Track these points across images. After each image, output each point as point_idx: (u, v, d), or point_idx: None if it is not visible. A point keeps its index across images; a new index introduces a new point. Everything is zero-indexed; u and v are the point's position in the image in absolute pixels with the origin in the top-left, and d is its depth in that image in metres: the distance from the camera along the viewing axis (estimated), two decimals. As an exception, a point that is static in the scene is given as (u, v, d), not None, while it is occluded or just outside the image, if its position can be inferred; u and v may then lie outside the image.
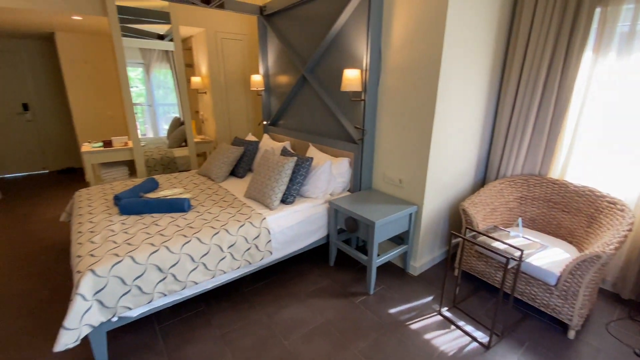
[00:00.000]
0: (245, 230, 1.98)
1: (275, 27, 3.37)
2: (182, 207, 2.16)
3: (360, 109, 2.43)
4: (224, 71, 4.15)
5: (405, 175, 2.32)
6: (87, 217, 2.06)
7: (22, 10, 2.94)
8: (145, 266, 1.61)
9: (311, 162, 2.40)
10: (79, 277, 1.46)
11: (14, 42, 4.64)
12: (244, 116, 4.48)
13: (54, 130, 5.14)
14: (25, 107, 4.88)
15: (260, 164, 2.49)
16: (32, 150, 5.06)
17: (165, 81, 4.06)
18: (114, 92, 4.75)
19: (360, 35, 2.37)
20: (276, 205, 2.26)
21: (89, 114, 4.58)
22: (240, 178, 3.07)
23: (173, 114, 4.36)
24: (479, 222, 2.23)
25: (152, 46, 3.72)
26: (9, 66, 4.66)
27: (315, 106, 3.02)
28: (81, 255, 1.61)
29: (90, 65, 4.48)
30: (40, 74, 4.87)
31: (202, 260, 1.79)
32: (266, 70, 3.69)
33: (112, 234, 1.82)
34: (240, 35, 4.19)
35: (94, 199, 2.40)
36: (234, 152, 3.04)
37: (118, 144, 3.59)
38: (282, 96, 3.52)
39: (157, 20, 3.52)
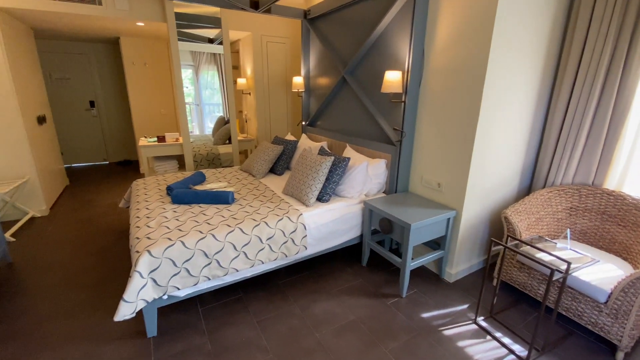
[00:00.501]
0: (283, 224, 2.08)
1: (318, 30, 3.47)
2: (226, 199, 2.31)
3: (400, 111, 2.43)
4: (267, 73, 4.33)
5: (444, 179, 2.28)
6: (143, 204, 2.29)
7: (95, 17, 3.31)
8: (194, 251, 1.76)
9: (348, 162, 2.45)
10: (138, 256, 1.64)
11: (85, 46, 5.21)
12: (283, 116, 4.64)
13: (115, 126, 5.69)
14: (92, 104, 5.45)
15: (299, 162, 2.58)
16: (96, 143, 5.63)
17: (212, 82, 4.33)
18: (167, 92, 5.15)
19: (403, 37, 2.38)
20: (312, 203, 2.34)
21: (145, 112, 5.01)
22: (278, 175, 3.20)
23: (218, 113, 4.64)
24: (522, 231, 2.14)
25: (203, 49, 3.99)
26: (79, 67, 5.24)
27: (354, 107, 3.06)
28: (139, 238, 1.80)
29: (148, 66, 4.90)
30: (105, 74, 5.42)
31: (243, 249, 1.91)
32: (307, 72, 3.81)
33: (166, 220, 2.01)
34: (284, 39, 4.35)
35: (149, 188, 2.65)
36: (274, 150, 3.17)
37: (170, 139, 3.90)
38: (321, 97, 3.61)
39: (209, 25, 3.77)
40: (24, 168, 3.20)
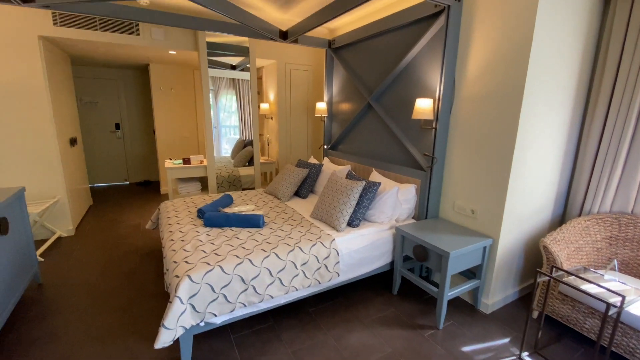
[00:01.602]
0: (316, 250, 2.05)
1: (342, 58, 3.59)
2: (257, 223, 2.31)
3: (431, 137, 2.44)
4: (290, 98, 4.45)
5: (478, 206, 2.25)
6: (176, 227, 2.30)
7: (132, 47, 3.49)
8: (232, 276, 1.74)
9: (378, 187, 2.45)
10: (178, 281, 1.62)
11: (114, 71, 5.46)
12: (304, 140, 4.71)
13: (137, 147, 5.84)
14: (117, 126, 5.64)
15: (328, 187, 2.59)
16: (118, 163, 5.77)
17: (229, 105, 4.48)
18: (190, 116, 5.31)
19: (433, 66, 2.44)
20: (343, 228, 2.32)
21: (169, 134, 5.15)
22: (303, 198, 3.20)
23: (234, 135, 4.76)
24: (563, 261, 2.06)
25: (229, 76, 4.15)
26: (108, 91, 5.47)
27: (380, 132, 3.10)
28: (177, 261, 1.79)
29: (174, 91, 5.09)
30: (132, 98, 5.64)
31: (278, 275, 1.88)
32: (330, 98, 3.91)
33: (201, 244, 2.01)
34: (306, 66, 4.50)
35: (179, 210, 2.67)
36: (299, 173, 3.20)
37: (195, 162, 3.98)
38: (344, 122, 3.68)
39: (236, 53, 3.94)
40: (55, 188, 3.28)
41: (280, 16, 3.26)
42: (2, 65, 2.87)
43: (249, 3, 2.88)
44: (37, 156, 3.14)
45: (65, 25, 3.02)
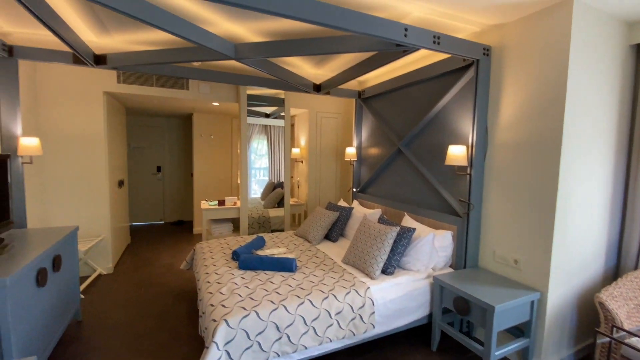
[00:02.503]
0: (351, 298, 2.00)
1: (372, 107, 3.77)
2: (290, 267, 2.31)
3: (465, 183, 2.43)
4: (320, 143, 4.65)
5: (522, 256, 2.14)
6: (212, 269, 2.35)
7: (181, 99, 3.88)
8: (267, 323, 1.72)
9: (413, 233, 2.41)
10: (215, 325, 1.63)
11: (161, 120, 6.02)
12: (333, 182, 4.80)
13: (174, 188, 6.20)
14: (159, 169, 6.06)
15: (360, 231, 2.58)
16: (156, 204, 6.10)
17: (260, 149, 4.75)
18: (226, 159, 5.64)
19: (465, 114, 2.51)
20: (378, 275, 2.26)
21: (206, 177, 5.46)
22: (334, 242, 3.19)
23: (263, 177, 4.96)
24: (623, 320, 1.86)
25: (265, 123, 4.47)
26: (153, 137, 5.99)
27: (411, 176, 3.12)
28: (214, 305, 1.82)
29: (213, 137, 5.48)
30: (174, 144, 6.12)
31: (312, 324, 1.84)
32: (359, 143, 4.04)
33: (236, 287, 2.03)
34: (336, 114, 4.74)
35: (214, 252, 2.74)
36: (329, 216, 3.22)
37: (229, 203, 4.14)
38: (373, 166, 3.75)
39: (272, 104, 4.26)
40: (101, 227, 3.51)
41: (315, 71, 3.55)
42: (72, 116, 3.28)
43: (288, 62, 3.18)
44: (89, 197, 3.42)
45: (127, 82, 3.45)
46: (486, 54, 2.30)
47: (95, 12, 2.17)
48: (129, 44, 2.75)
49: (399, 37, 1.96)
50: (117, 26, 2.39)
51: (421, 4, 1.97)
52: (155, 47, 2.81)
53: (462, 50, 2.21)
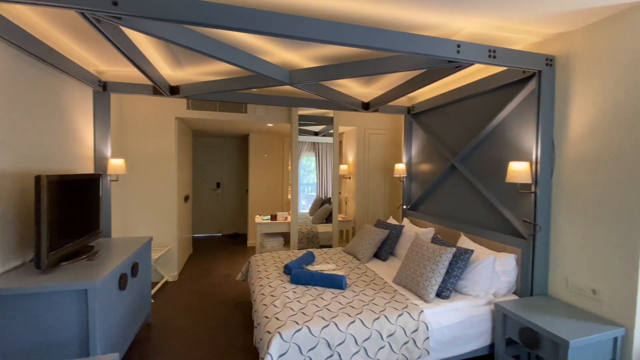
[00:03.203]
0: (403, 321, 1.94)
1: (422, 122, 3.70)
2: (340, 284, 2.32)
3: (530, 202, 2.24)
4: (368, 160, 4.66)
5: (601, 286, 1.89)
6: (266, 281, 2.46)
7: (240, 122, 4.21)
8: (318, 339, 1.74)
9: (471, 255, 2.27)
10: (270, 337, 1.70)
11: (220, 140, 6.56)
12: (381, 199, 4.74)
13: (231, 203, 6.64)
14: (218, 185, 6.56)
15: (412, 251, 2.51)
16: (214, 217, 6.58)
17: (308, 165, 4.90)
18: (277, 176, 5.92)
19: (526, 128, 2.35)
20: (432, 298, 2.16)
21: (260, 193, 5.78)
22: (383, 261, 3.13)
23: (310, 192, 5.08)
24: None
25: (311, 140, 4.65)
26: (213, 156, 6.53)
27: (466, 194, 2.97)
28: (268, 317, 1.90)
29: (266, 156, 5.82)
30: (231, 162, 6.61)
31: (363, 344, 1.82)
32: (409, 159, 3.97)
33: (289, 300, 2.10)
34: (384, 130, 4.73)
35: (267, 265, 2.87)
36: (379, 234, 3.18)
37: (280, 218, 4.31)
38: (425, 183, 3.64)
39: (321, 122, 4.42)
40: (169, 238, 3.89)
41: (363, 90, 3.62)
42: (149, 139, 3.76)
43: (338, 83, 3.30)
44: (161, 210, 3.83)
45: (194, 108, 3.86)
46: (549, 64, 2.16)
47: (172, 50, 2.50)
48: (198, 75, 3.10)
49: (451, 54, 1.94)
50: (189, 60, 2.72)
51: (475, 19, 1.93)
52: (219, 77, 3.13)
53: (521, 62, 2.10)
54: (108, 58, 2.70)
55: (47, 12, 1.92)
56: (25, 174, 2.00)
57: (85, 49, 2.49)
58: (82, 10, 1.43)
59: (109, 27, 1.72)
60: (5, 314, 1.61)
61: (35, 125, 2.10)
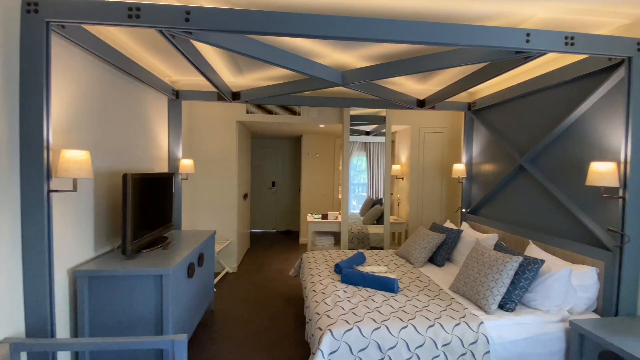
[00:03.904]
0: (460, 331, 1.83)
1: (485, 119, 3.43)
2: (392, 287, 2.28)
3: (617, 208, 1.95)
4: (423, 160, 4.47)
5: None
6: (317, 279, 2.52)
7: (293, 124, 4.36)
8: (369, 341, 1.74)
9: (541, 265, 2.05)
10: (321, 334, 1.74)
11: (275, 141, 6.86)
12: (437, 201, 4.52)
13: (285, 201, 6.91)
14: (273, 184, 6.88)
15: (472, 257, 2.35)
16: (269, 214, 6.92)
17: (359, 165, 4.85)
18: (328, 176, 6.00)
19: (612, 123, 2.05)
20: (494, 310, 2.01)
21: (311, 192, 5.92)
22: (439, 266, 2.99)
23: (361, 192, 5.02)
24: None
25: (362, 140, 4.62)
26: (268, 157, 6.87)
27: (536, 198, 2.68)
28: (319, 314, 1.94)
29: (318, 157, 5.94)
30: (285, 162, 6.88)
31: (416, 351, 1.76)
32: (470, 159, 3.71)
33: (339, 299, 2.12)
34: (441, 128, 4.49)
35: (319, 262, 2.93)
36: (434, 238, 3.04)
37: (331, 217, 4.37)
38: (487, 184, 3.38)
39: (373, 122, 4.36)
40: (230, 232, 4.19)
41: (418, 87, 3.48)
42: (213, 141, 4.09)
43: (391, 81, 3.23)
44: (223, 206, 4.15)
45: (253, 112, 4.11)
46: (644, 48, 1.85)
47: (234, 58, 2.70)
48: (257, 81, 3.29)
49: (519, 44, 1.78)
50: (249, 67, 2.90)
51: (548, 3, 1.75)
52: (276, 82, 3.28)
53: (606, 49, 1.84)
54: (180, 69, 3.01)
55: (131, 31, 2.21)
56: (114, 173, 2.33)
57: (161, 61, 2.81)
58: (161, 28, 1.62)
59: (181, 42, 1.92)
60: (97, 292, 1.90)
61: (123, 131, 2.43)
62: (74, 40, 1.74)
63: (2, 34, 1.42)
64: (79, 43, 1.78)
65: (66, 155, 1.62)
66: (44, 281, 1.54)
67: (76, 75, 1.90)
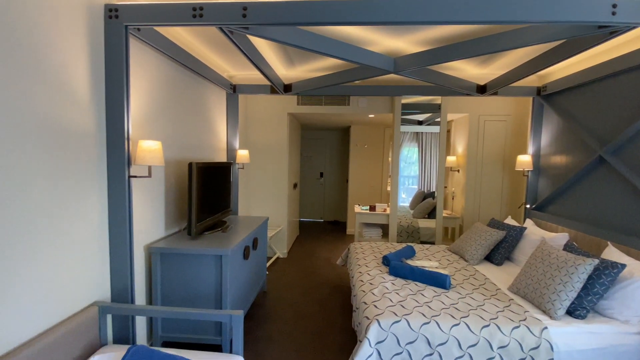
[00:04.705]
0: (520, 335, 1.71)
1: (557, 105, 3.07)
2: (444, 283, 2.19)
3: None
4: (482, 151, 4.16)
5: None
6: (365, 269, 2.53)
7: (343, 114, 4.35)
8: (418, 334, 1.71)
9: (621, 270, 1.81)
10: (368, 323, 1.76)
11: (324, 133, 6.91)
12: (497, 196, 4.18)
13: (332, 192, 6.98)
14: (321, 175, 6.98)
15: (537, 257, 2.16)
16: (318, 204, 7.05)
17: (410, 156, 4.64)
18: (377, 167, 5.89)
19: None
20: (560, 315, 1.83)
21: (359, 183, 5.89)
22: (497, 265, 2.79)
23: (410, 185, 4.82)
24: None
25: (414, 130, 4.42)
26: (316, 148, 6.95)
27: (618, 194, 2.34)
28: (367, 303, 1.95)
29: (367, 147, 5.85)
30: (333, 153, 6.91)
31: (469, 350, 1.69)
32: (537, 150, 3.37)
33: (387, 291, 2.11)
34: (504, 116, 4.12)
35: (366, 253, 2.93)
36: (492, 235, 2.84)
37: (379, 209, 4.31)
38: (557, 178, 3.04)
39: (429, 111, 4.15)
40: (281, 219, 4.38)
41: (479, 72, 3.22)
42: (265, 132, 4.28)
43: (448, 66, 3.03)
44: (275, 195, 4.35)
45: (303, 104, 4.18)
46: None
47: (287, 50, 2.76)
48: (307, 72, 3.33)
49: (603, 17, 1.55)
50: (300, 59, 2.95)
51: (646, -33, 1.48)
52: (326, 72, 3.29)
53: None
54: (237, 64, 3.18)
55: (195, 30, 2.38)
56: (180, 162, 2.56)
57: (221, 57, 2.99)
58: (221, 25, 1.72)
59: (239, 37, 2.02)
60: (167, 267, 2.13)
61: (187, 123, 2.66)
62: (147, 41, 1.93)
63: (90, 39, 1.64)
64: (151, 44, 1.97)
65: (143, 145, 1.82)
66: (126, 255, 1.78)
67: (149, 73, 2.12)
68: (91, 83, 1.63)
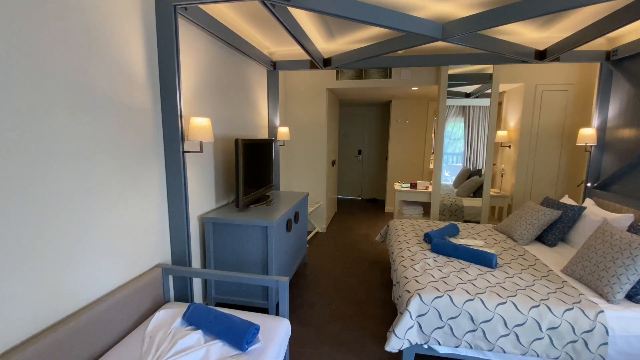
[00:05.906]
0: (573, 317, 1.63)
1: (629, 72, 2.69)
2: (490, 262, 2.13)
3: None
4: (537, 124, 3.82)
5: None
6: (405, 245, 2.52)
7: (384, 88, 4.20)
8: (460, 310, 1.70)
9: (702, 257, 1.62)
10: (409, 297, 1.78)
11: (363, 108, 6.74)
12: (553, 173, 3.86)
13: (371, 169, 6.89)
14: (359, 152, 6.90)
15: (596, 238, 1.99)
16: (356, 181, 7.03)
17: (453, 132, 4.36)
18: (419, 144, 5.67)
19: None
20: (618, 299, 1.71)
21: (399, 160, 5.74)
22: (549, 246, 2.63)
23: (455, 162, 4.56)
24: None
25: (460, 103, 4.13)
26: (356, 124, 6.82)
27: None
28: (408, 277, 1.97)
29: (408, 122, 5.64)
30: (372, 129, 6.75)
31: (515, 329, 1.65)
32: (603, 122, 3.01)
33: (429, 267, 2.10)
34: (566, 86, 3.71)
35: (407, 231, 2.91)
36: (547, 214, 2.66)
37: (420, 187, 4.20)
38: (626, 154, 2.72)
39: (478, 81, 3.86)
40: (319, 195, 4.46)
41: (538, 35, 2.90)
42: (305, 109, 4.29)
43: (502, 30, 2.77)
44: (314, 171, 4.41)
45: (342, 79, 4.10)
46: None
47: (327, 22, 2.69)
48: (347, 45, 3.23)
49: None
50: (340, 30, 2.86)
51: None
52: (366, 43, 3.17)
53: None
54: (277, 40, 3.17)
55: (237, 6, 2.40)
56: (227, 138, 2.68)
57: (261, 33, 3.00)
58: (264, 0, 1.72)
59: (280, 10, 2.01)
60: (219, 235, 2.31)
61: (232, 101, 2.75)
62: (194, 20, 1.99)
63: (144, 20, 1.73)
64: (198, 23, 2.03)
65: (194, 122, 1.93)
66: (183, 223, 1.95)
67: (197, 52, 2.20)
68: (146, 62, 1.74)
